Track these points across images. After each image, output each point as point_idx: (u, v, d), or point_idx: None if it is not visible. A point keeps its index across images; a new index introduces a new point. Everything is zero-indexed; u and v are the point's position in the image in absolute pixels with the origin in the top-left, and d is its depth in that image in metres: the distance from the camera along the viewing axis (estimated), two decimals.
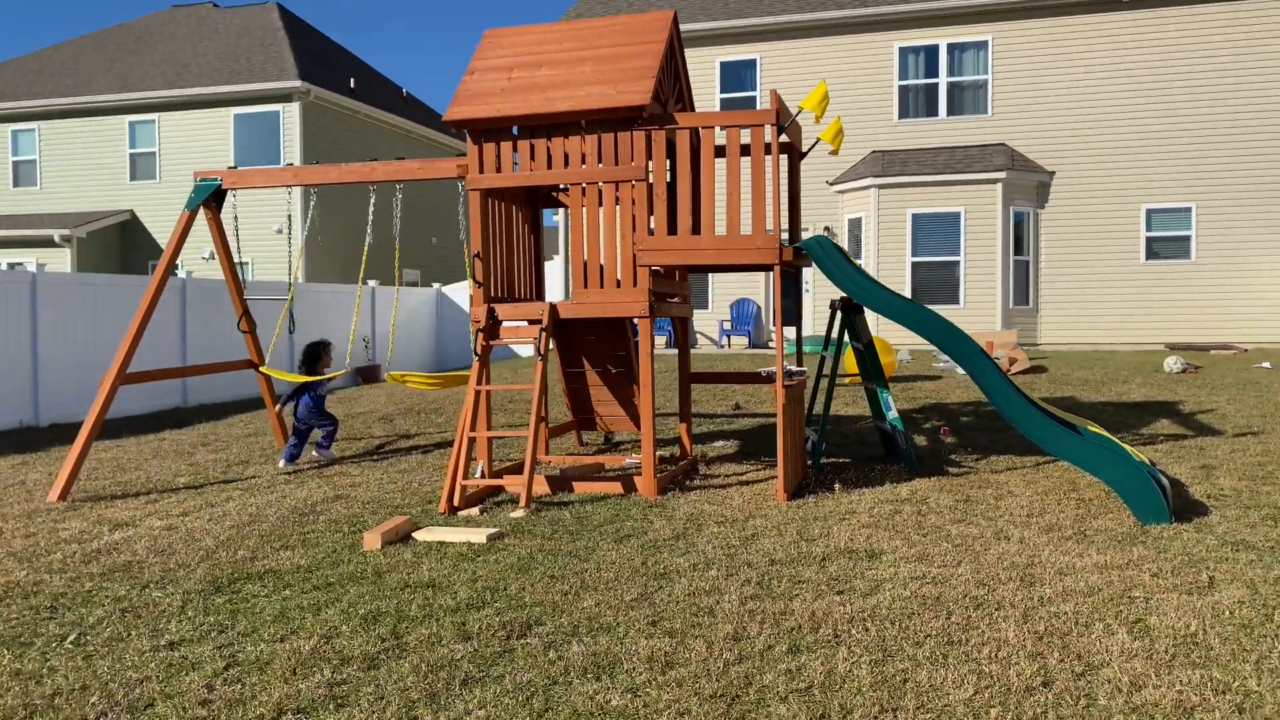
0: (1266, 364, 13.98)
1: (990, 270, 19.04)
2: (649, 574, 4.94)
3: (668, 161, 6.89)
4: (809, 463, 7.53)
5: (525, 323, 7.14)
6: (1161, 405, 10.36)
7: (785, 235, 7.36)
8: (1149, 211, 19.23)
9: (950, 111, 20.22)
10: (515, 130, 7.00)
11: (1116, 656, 3.77)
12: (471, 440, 6.62)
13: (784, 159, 7.48)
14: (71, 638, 4.24)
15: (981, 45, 20.02)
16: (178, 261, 10.67)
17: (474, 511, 6.36)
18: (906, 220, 19.35)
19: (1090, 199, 19.41)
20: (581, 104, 6.56)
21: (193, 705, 3.53)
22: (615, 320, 7.92)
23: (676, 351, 9.05)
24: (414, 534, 5.75)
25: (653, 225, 6.69)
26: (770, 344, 20.78)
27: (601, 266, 6.80)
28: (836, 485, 6.86)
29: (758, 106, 21.01)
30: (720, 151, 6.97)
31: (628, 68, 6.69)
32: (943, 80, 20.23)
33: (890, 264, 19.51)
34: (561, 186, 8.08)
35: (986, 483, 6.92)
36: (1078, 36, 19.42)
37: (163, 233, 24.39)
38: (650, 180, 6.67)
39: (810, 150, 7.61)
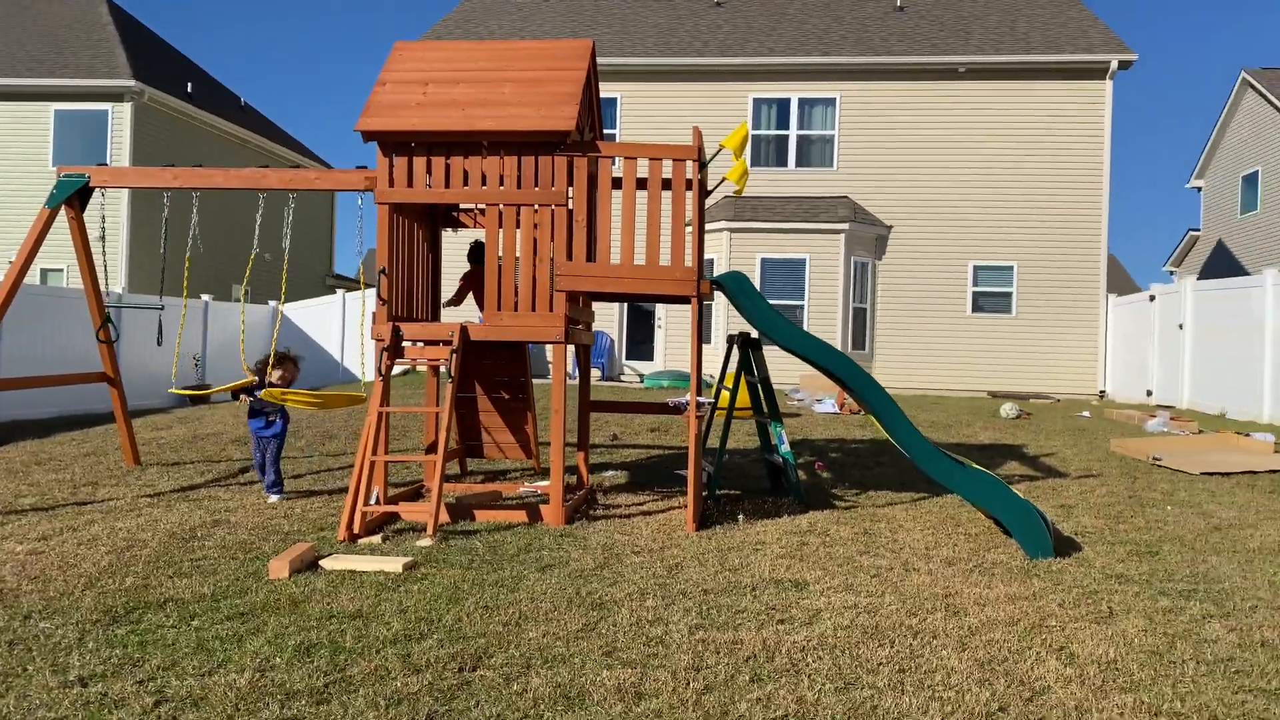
0: (1086, 413, 15.20)
1: (831, 315, 19.89)
2: (586, 604, 4.84)
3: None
4: (704, 494, 7.60)
5: (421, 343, 6.91)
6: (1008, 448, 11.07)
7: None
8: (975, 268, 20.63)
9: (799, 163, 21.11)
10: (413, 145, 6.80)
11: (1055, 682, 3.98)
12: (372, 465, 6.32)
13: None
14: None
15: (830, 102, 21.04)
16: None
17: (375, 539, 6.06)
18: (756, 264, 19.98)
19: (924, 253, 20.64)
20: (506, 125, 6.46)
21: None
22: (513, 345, 7.80)
23: (576, 380, 8.97)
24: (321, 562, 5.42)
25: (571, 252, 6.64)
26: (622, 377, 20.92)
27: (516, 290, 6.69)
28: (740, 516, 6.96)
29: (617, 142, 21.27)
30: (641, 184, 7.00)
31: (551, 92, 6.65)
32: (793, 132, 21.12)
33: None
34: (463, 207, 7.92)
35: (876, 516, 7.18)
36: (918, 101, 20.72)
37: None
38: (570, 206, 6.63)
39: (716, 189, 7.77)
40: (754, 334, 7.93)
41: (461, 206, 7.97)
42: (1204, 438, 11.40)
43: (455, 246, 10.68)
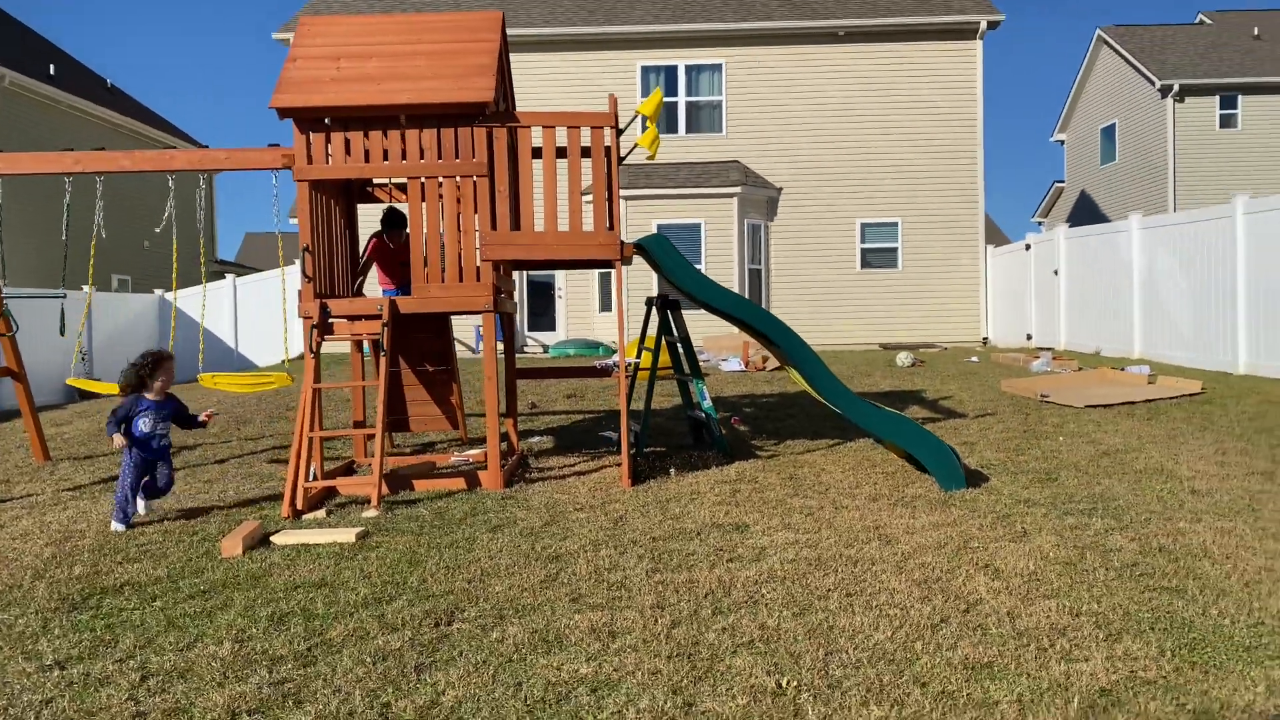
0: (975, 359, 16.02)
1: (728, 277, 20.32)
2: (543, 558, 5.03)
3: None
4: (633, 452, 7.84)
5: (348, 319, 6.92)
6: (909, 393, 11.64)
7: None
8: (863, 225, 21.36)
9: (689, 129, 21.40)
10: (329, 121, 6.78)
11: (986, 594, 4.36)
12: (310, 441, 6.34)
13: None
14: None
15: (716, 68, 21.37)
16: None
17: (320, 514, 6.11)
18: (653, 229, 20.25)
19: (814, 213, 21.26)
20: (424, 98, 6.49)
21: (126, 718, 3.26)
22: (437, 317, 7.85)
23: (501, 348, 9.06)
24: (272, 538, 5.46)
25: (495, 221, 6.73)
26: (525, 348, 20.97)
27: (443, 262, 6.75)
28: (672, 470, 7.22)
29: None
30: (560, 152, 7.12)
31: (466, 64, 6.70)
32: (681, 99, 21.38)
33: (641, 270, 20.31)
34: (377, 181, 7.90)
35: (798, 463, 7.54)
36: (802, 65, 21.22)
37: None
38: (492, 176, 6.71)
39: (629, 154, 7.95)
40: (672, 295, 8.17)
41: (376, 181, 7.95)
42: (1085, 374, 12.20)
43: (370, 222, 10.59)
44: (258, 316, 20.62)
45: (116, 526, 5.88)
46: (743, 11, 21.42)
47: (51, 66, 23.62)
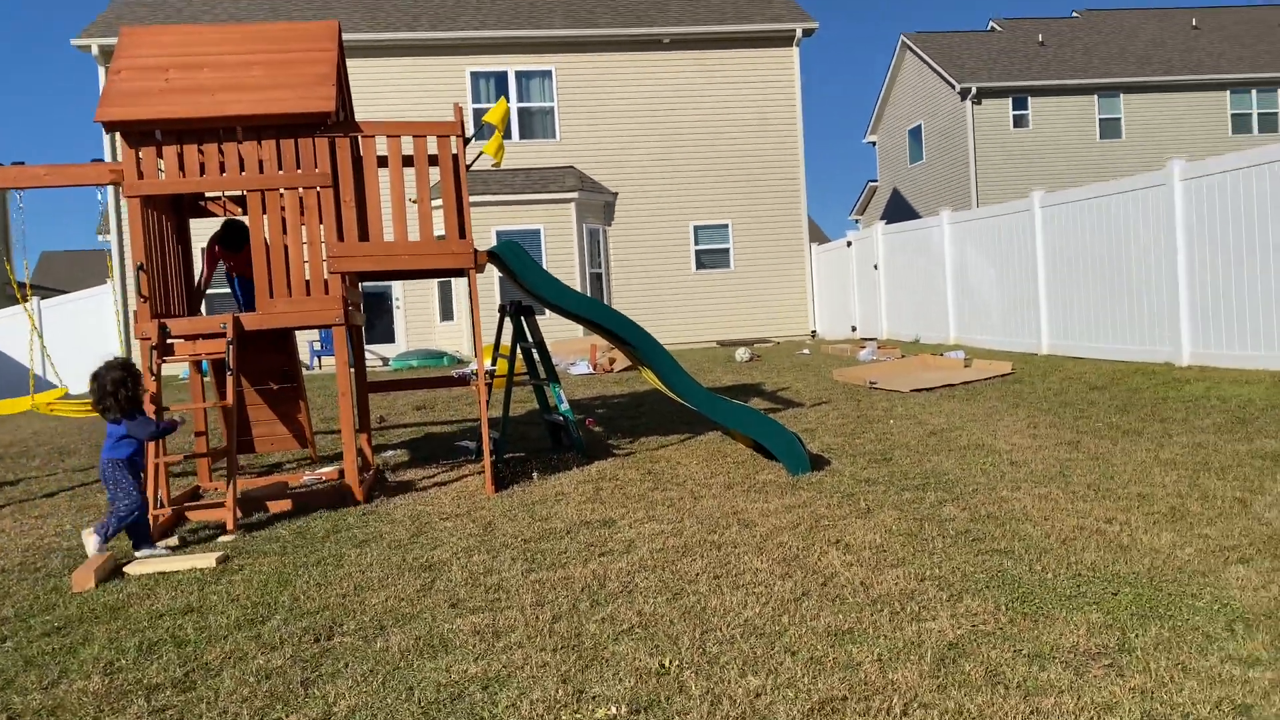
0: (806, 351, 16.79)
1: (570, 281, 20.49)
2: (415, 568, 5.06)
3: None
4: (494, 458, 7.89)
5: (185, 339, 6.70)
6: (749, 386, 12.13)
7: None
8: (696, 228, 21.99)
9: (523, 135, 21.47)
10: (160, 134, 6.56)
11: (840, 567, 4.69)
12: (157, 468, 6.11)
13: None
14: None
15: (546, 74, 21.52)
16: None
17: (172, 541, 5.90)
18: (492, 237, 20.22)
19: (649, 217, 21.72)
20: (262, 108, 6.36)
21: None
22: (280, 333, 7.68)
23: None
24: (125, 569, 5.25)
25: (342, 232, 6.66)
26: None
27: (288, 276, 6.63)
28: (534, 474, 7.32)
29: None
30: (406, 161, 7.10)
31: (305, 74, 6.60)
32: (514, 105, 21.41)
33: (483, 279, 20.24)
34: (209, 195, 7.66)
35: (654, 458, 7.79)
36: (629, 71, 21.65)
37: None
38: (336, 187, 6.64)
39: (474, 162, 7.99)
40: (525, 301, 8.27)
41: (208, 195, 7.70)
42: (907, 360, 13.03)
43: (202, 236, 10.20)
44: (68, 340, 19.34)
45: (95, 540, 5.38)
46: (569, 18, 21.66)
47: None
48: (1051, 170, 28.56)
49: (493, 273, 20.26)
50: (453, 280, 20.32)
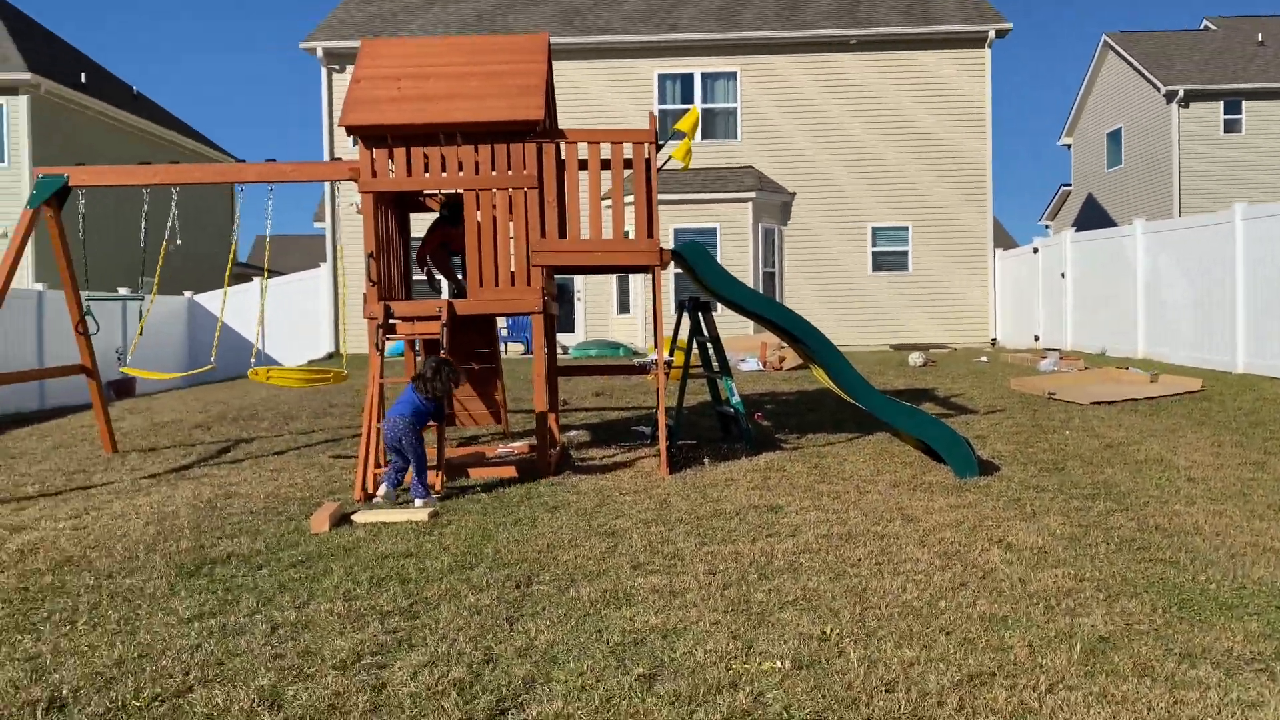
0: (984, 359, 16.55)
1: (743, 280, 20.87)
2: (600, 532, 5.60)
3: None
4: (668, 443, 8.39)
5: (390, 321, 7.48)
6: (922, 391, 12.19)
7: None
8: (874, 229, 21.91)
9: (705, 136, 21.97)
10: (391, 138, 7.34)
11: (1000, 564, 4.91)
12: (377, 431, 6.91)
13: None
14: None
15: (731, 76, 21.94)
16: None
17: (379, 490, 6.66)
18: (670, 235, 20.82)
19: (826, 217, 21.81)
20: (480, 116, 7.07)
21: (267, 659, 3.82)
22: (484, 319, 8.42)
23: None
24: (352, 517, 6.03)
25: (544, 229, 7.30)
26: None
27: (496, 265, 7.32)
28: (706, 460, 7.78)
29: None
30: (605, 165, 7.69)
31: (518, 84, 7.27)
32: (698, 106, 21.93)
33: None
34: (427, 192, 8.48)
35: (821, 454, 8.09)
36: (814, 72, 21.78)
37: None
38: (541, 188, 7.28)
39: (663, 166, 8.51)
40: (703, 298, 8.73)
41: (426, 191, 8.52)
42: (1090, 373, 12.73)
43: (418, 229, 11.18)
44: (281, 318, 21.20)
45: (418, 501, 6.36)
46: (757, 20, 21.99)
47: (82, 74, 24.28)
48: (1264, 180, 26.75)
49: (669, 268, 20.87)
50: (631, 276, 21.05)
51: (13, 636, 4.16)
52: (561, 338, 21.77)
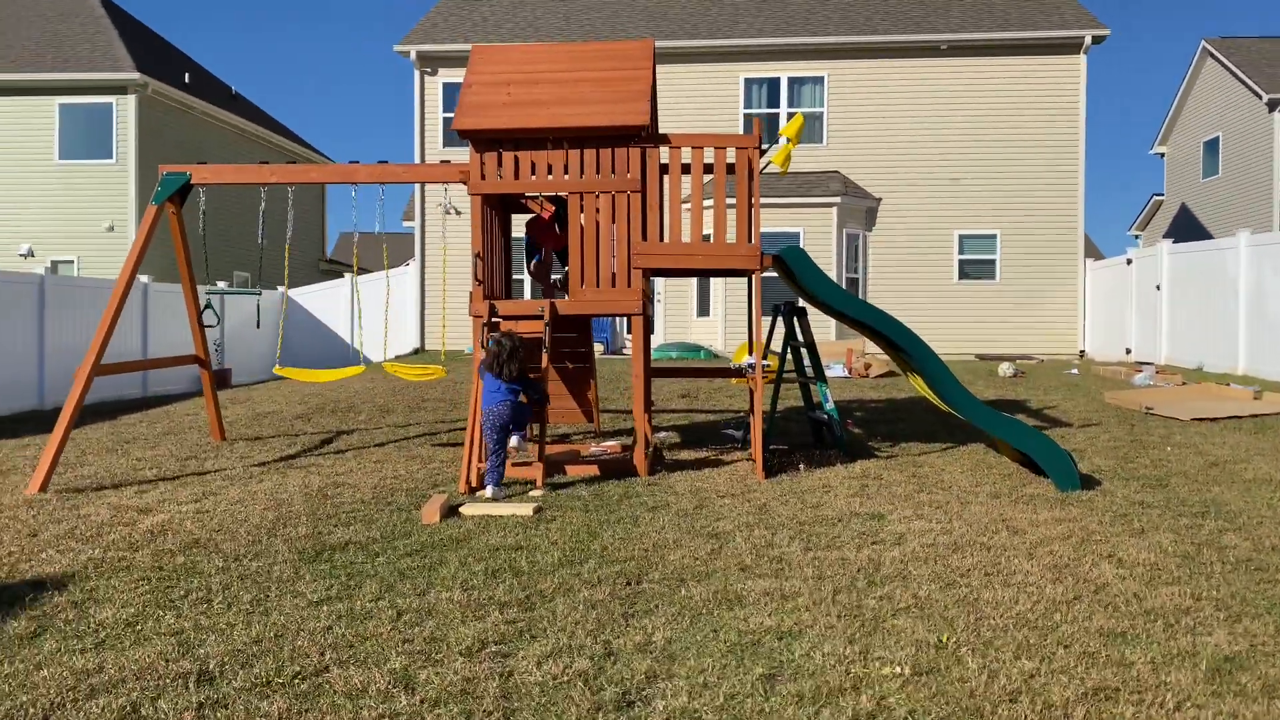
0: (1075, 370, 16.22)
1: None
2: (704, 534, 5.67)
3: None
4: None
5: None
6: (1014, 403, 12.01)
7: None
8: (961, 237, 21.60)
9: (774, 141, 21.84)
10: (501, 141, 7.50)
11: (1112, 579, 4.85)
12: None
13: None
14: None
15: (819, 80, 21.84)
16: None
17: (486, 491, 6.83)
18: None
19: (912, 224, 21.57)
20: (587, 121, 7.20)
21: (396, 644, 3.97)
22: (579, 319, 8.56)
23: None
24: (460, 509, 6.20)
25: (646, 232, 7.40)
26: (624, 350, 21.70)
27: (598, 268, 7.45)
28: (801, 465, 7.80)
29: None
30: (708, 169, 7.77)
31: (624, 90, 7.39)
32: (783, 110, 21.89)
33: (740, 280, 20.89)
34: (528, 195, 8.65)
35: (917, 463, 8.05)
36: (903, 77, 21.57)
37: None
38: (644, 191, 7.39)
39: (763, 170, 8.55)
40: (798, 303, 8.74)
41: (527, 195, 8.69)
42: (1189, 388, 12.40)
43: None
44: (370, 314, 21.70)
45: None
46: (846, 25, 21.86)
47: (186, 75, 25.18)
48: None
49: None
50: (711, 279, 21.08)
51: (155, 612, 4.38)
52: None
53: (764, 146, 7.63)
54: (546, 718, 3.31)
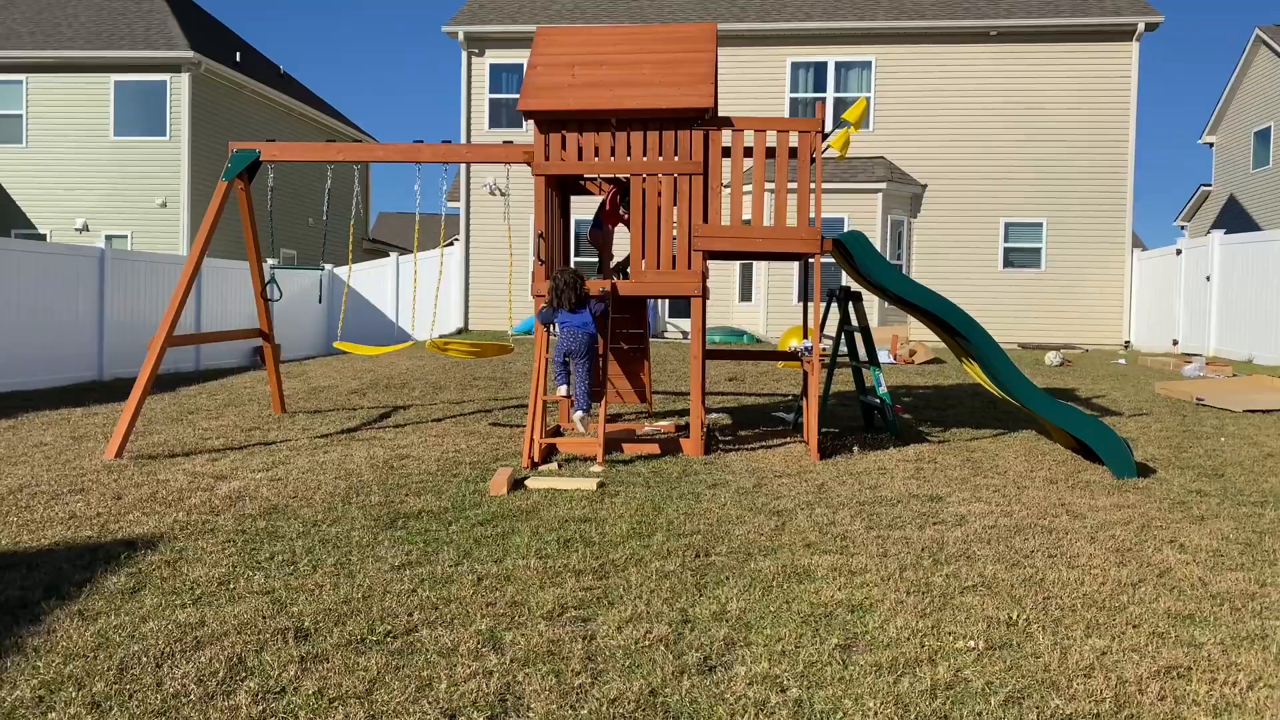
0: (1122, 360, 16.12)
1: None
2: (766, 511, 5.77)
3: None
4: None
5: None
6: (1063, 391, 11.98)
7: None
8: (1007, 225, 21.45)
9: (836, 125, 21.80)
10: (565, 122, 7.59)
11: (1176, 564, 4.89)
12: (544, 404, 7.22)
13: None
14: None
15: (866, 65, 21.73)
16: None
17: (552, 466, 6.98)
18: None
19: (958, 211, 21.44)
20: (652, 103, 7.28)
21: (480, 607, 4.12)
22: (636, 301, 8.67)
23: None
24: (525, 482, 6.35)
25: (707, 215, 7.49)
26: (666, 334, 21.79)
27: (659, 248, 7.55)
28: (855, 448, 7.87)
29: None
30: (769, 153, 7.82)
31: (688, 73, 7.46)
32: (830, 95, 21.81)
33: (781, 265, 20.89)
34: (587, 176, 8.75)
35: (970, 448, 8.09)
36: (951, 63, 21.40)
37: (30, 201, 22.99)
38: (706, 174, 7.47)
39: (823, 153, 8.59)
40: (853, 288, 8.80)
41: (586, 176, 8.80)
42: (1240, 380, 12.30)
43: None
44: (418, 293, 21.97)
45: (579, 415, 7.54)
46: (894, 10, 21.71)
47: (237, 54, 25.49)
48: None
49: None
50: (755, 265, 21.10)
51: (245, 572, 4.56)
52: (682, 323, 21.97)
53: (827, 131, 7.66)
54: (633, 679, 3.43)
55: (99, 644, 3.70)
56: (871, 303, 20.55)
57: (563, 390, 7.49)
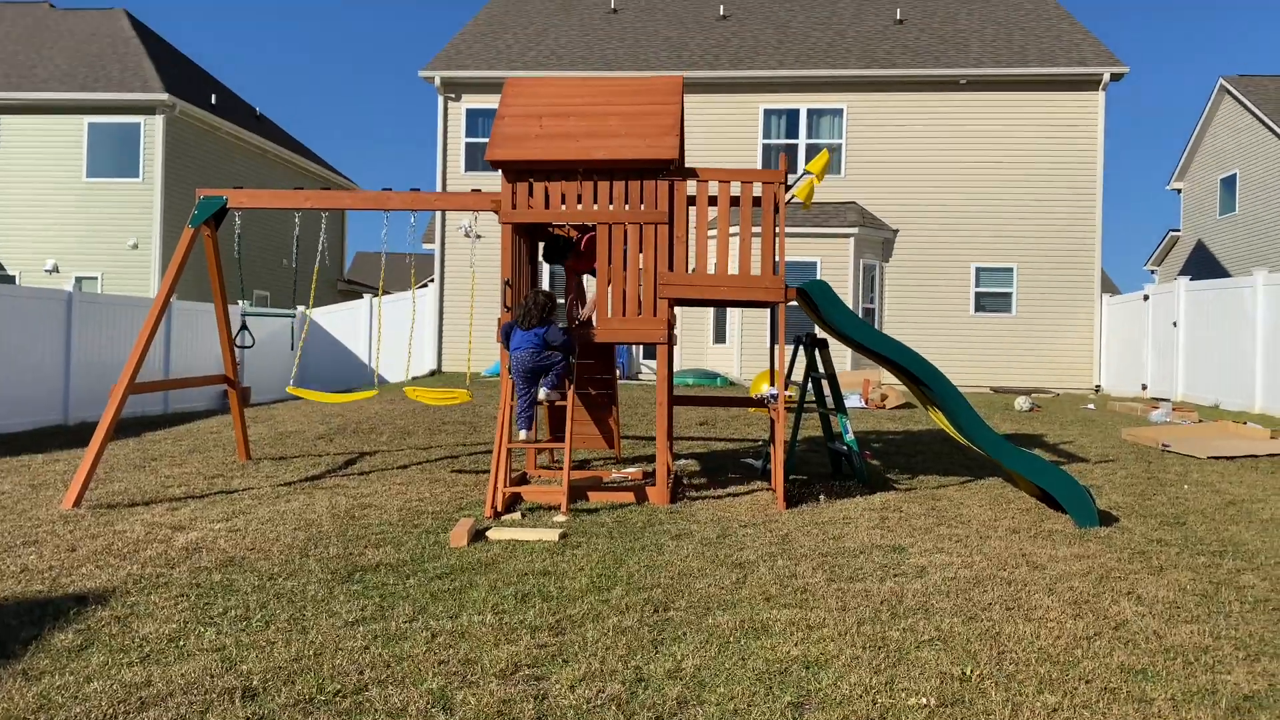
0: (1091, 406, 16.26)
1: None
2: (728, 564, 5.76)
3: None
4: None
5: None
6: (1031, 437, 12.06)
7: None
8: (977, 269, 21.70)
9: (800, 175, 22.03)
10: (533, 172, 7.66)
11: (1132, 616, 4.92)
12: (508, 451, 7.20)
13: None
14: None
15: (837, 112, 22.05)
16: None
17: (515, 516, 6.94)
18: None
19: (929, 255, 21.68)
20: (618, 154, 7.36)
21: (433, 665, 4.08)
22: (603, 347, 8.69)
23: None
24: (487, 533, 6.31)
25: (673, 263, 7.54)
26: (640, 375, 21.82)
27: (624, 296, 7.58)
28: (821, 497, 7.88)
29: None
30: (734, 201, 7.91)
31: (654, 124, 7.55)
32: (802, 141, 22.10)
33: (755, 311, 21.00)
34: (555, 224, 8.80)
35: (936, 496, 8.12)
36: (921, 110, 21.76)
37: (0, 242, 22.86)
38: (671, 223, 7.53)
39: (788, 202, 8.69)
40: (818, 335, 8.86)
41: (554, 223, 8.85)
42: (1206, 426, 12.44)
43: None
44: (391, 335, 21.93)
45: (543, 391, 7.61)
46: (865, 58, 22.08)
47: (212, 96, 25.57)
48: None
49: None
50: (729, 309, 21.20)
51: (196, 628, 4.50)
52: (656, 364, 21.98)
53: (788, 181, 7.76)
54: None
55: (40, 705, 3.63)
56: (844, 348, 20.70)
57: (523, 435, 7.47)
